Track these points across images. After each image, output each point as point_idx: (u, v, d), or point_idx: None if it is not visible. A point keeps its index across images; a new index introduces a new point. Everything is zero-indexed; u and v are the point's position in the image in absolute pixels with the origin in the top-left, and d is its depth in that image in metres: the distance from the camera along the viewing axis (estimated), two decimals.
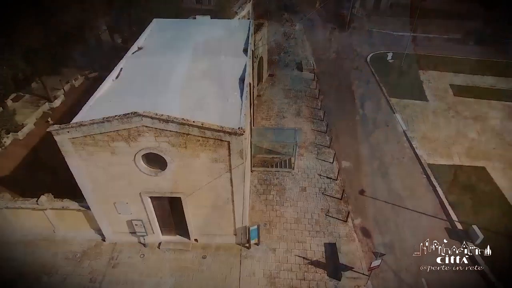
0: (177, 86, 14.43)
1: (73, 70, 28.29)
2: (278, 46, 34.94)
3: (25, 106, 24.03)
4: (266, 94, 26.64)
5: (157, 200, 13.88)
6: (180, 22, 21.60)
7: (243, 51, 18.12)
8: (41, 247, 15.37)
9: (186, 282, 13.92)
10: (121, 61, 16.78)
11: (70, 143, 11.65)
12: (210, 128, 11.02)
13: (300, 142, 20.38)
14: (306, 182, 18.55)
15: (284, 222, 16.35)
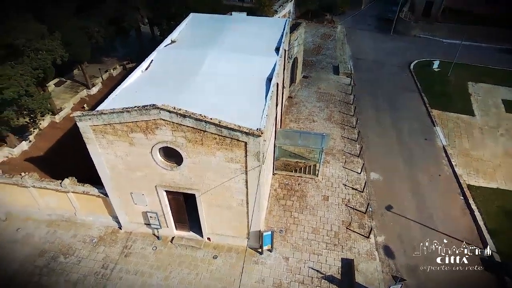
0: (202, 82, 14.23)
1: (113, 60, 29.45)
2: (316, 47, 33.95)
3: (66, 91, 25.27)
4: (298, 96, 25.87)
5: (173, 195, 13.77)
6: (216, 17, 21.47)
7: (275, 50, 17.58)
8: (62, 228, 15.93)
9: (194, 280, 13.70)
10: (152, 53, 16.94)
11: (91, 130, 11.81)
12: (227, 126, 10.62)
13: (327, 149, 19.50)
14: (329, 191, 17.63)
15: (301, 231, 15.62)
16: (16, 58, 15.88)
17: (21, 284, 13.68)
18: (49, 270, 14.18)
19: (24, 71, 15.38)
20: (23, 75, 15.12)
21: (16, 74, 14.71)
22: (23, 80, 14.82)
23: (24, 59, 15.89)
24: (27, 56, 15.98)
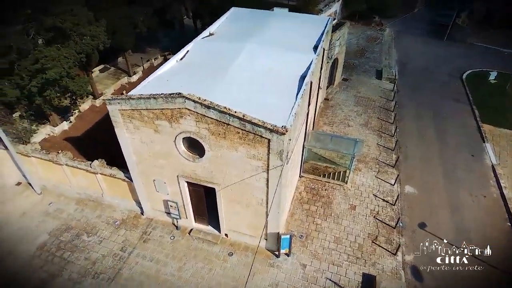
0: (234, 75, 13.97)
1: (155, 50, 30.30)
2: (360, 50, 32.52)
3: (108, 78, 26.38)
4: (335, 98, 24.85)
5: (194, 186, 13.65)
6: (256, 12, 21.15)
7: (313, 48, 16.89)
8: (89, 207, 16.50)
9: (206, 275, 13.50)
10: (189, 43, 17.00)
11: (119, 115, 11.99)
12: (251, 121, 10.21)
13: (360, 155, 18.45)
14: (358, 201, 16.63)
15: (322, 239, 14.84)
16: (63, 41, 16.68)
17: (47, 257, 14.29)
18: (72, 246, 14.71)
19: (68, 54, 16.08)
20: (67, 57, 15.80)
21: (60, 56, 15.41)
22: (65, 62, 15.48)
23: (70, 43, 16.64)
24: (73, 40, 16.73)
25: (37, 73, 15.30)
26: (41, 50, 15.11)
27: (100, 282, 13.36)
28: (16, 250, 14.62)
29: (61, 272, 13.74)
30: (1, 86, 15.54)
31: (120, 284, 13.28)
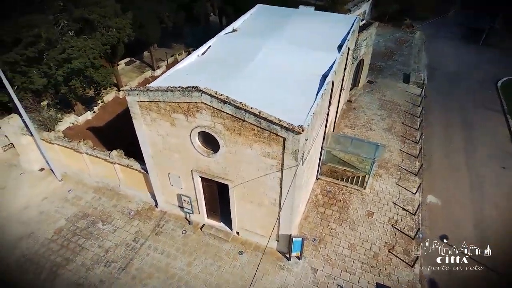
0: (254, 71, 13.77)
1: (180, 46, 30.63)
2: (388, 52, 31.47)
3: (133, 71, 26.89)
4: (359, 101, 24.13)
5: (207, 182, 13.56)
6: (281, 10, 20.85)
7: (337, 47, 16.41)
8: (106, 196, 16.80)
9: (215, 272, 13.38)
10: (212, 39, 16.96)
11: (137, 106, 12.06)
12: (267, 118, 9.95)
13: (381, 160, 17.79)
14: (376, 207, 16.00)
15: (336, 244, 14.37)
16: (90, 32, 17.07)
17: (62, 242, 14.66)
18: (87, 233, 15.01)
19: (94, 45, 16.43)
20: (92, 48, 16.14)
21: (86, 47, 15.75)
22: (91, 53, 15.82)
23: (96, 34, 17.00)
24: (99, 32, 17.08)
25: (63, 63, 15.72)
26: (68, 40, 15.51)
27: (112, 271, 13.53)
28: (36, 232, 15.11)
29: (75, 257, 14.04)
30: (30, 74, 16.10)
31: (131, 274, 13.40)
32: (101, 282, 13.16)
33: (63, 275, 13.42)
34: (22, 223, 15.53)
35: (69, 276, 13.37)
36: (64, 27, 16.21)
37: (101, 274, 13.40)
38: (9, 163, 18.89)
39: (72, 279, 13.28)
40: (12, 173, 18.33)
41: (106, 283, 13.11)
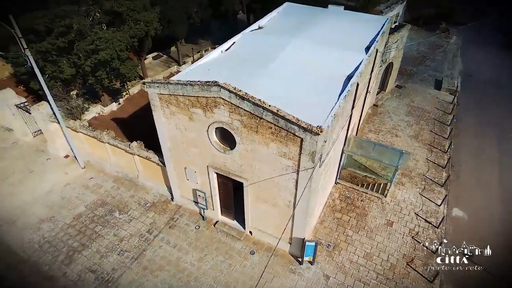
0: (277, 69, 13.50)
1: (207, 43, 30.83)
2: (420, 57, 30.20)
3: (160, 65, 27.34)
4: (385, 105, 23.27)
5: (222, 179, 13.46)
6: (310, 9, 20.42)
7: (365, 48, 15.83)
8: (124, 186, 17.11)
9: (225, 270, 13.26)
10: (237, 35, 16.85)
11: (157, 98, 12.13)
12: (285, 117, 9.67)
13: (404, 169, 17.03)
14: (396, 217, 15.30)
15: (351, 252, 13.85)
16: (119, 25, 17.44)
17: (80, 227, 15.06)
18: (104, 221, 15.33)
19: (122, 38, 16.75)
20: (120, 40, 16.46)
21: (113, 39, 16.09)
22: (118, 45, 16.14)
23: (125, 27, 17.34)
24: (127, 25, 17.41)
25: (91, 54, 16.13)
26: (97, 32, 15.89)
27: (124, 260, 13.73)
28: (57, 216, 15.61)
29: (91, 244, 14.37)
30: (60, 64, 16.67)
31: (142, 265, 13.53)
32: (114, 270, 13.37)
33: (78, 260, 13.76)
34: (45, 206, 16.11)
35: (84, 262, 13.68)
36: (94, 19, 16.64)
37: (114, 262, 13.63)
38: (38, 148, 19.68)
39: (86, 264, 13.59)
40: (39, 158, 19.08)
41: (118, 271, 13.31)
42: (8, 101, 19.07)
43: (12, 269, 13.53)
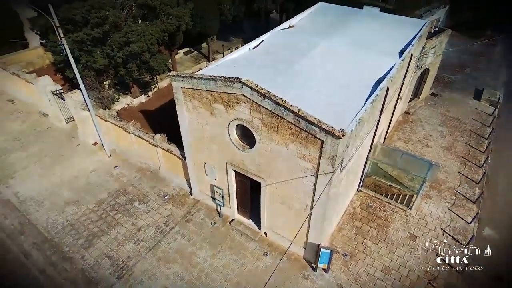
0: (303, 70, 13.18)
1: (238, 40, 30.89)
2: (460, 64, 28.54)
3: (190, 60, 27.70)
4: (418, 113, 22.18)
5: (240, 177, 13.32)
6: (344, 9, 19.83)
7: (399, 52, 15.12)
8: (146, 177, 17.44)
9: (237, 269, 13.13)
10: (266, 33, 16.69)
11: (181, 92, 12.19)
12: (306, 118, 9.35)
13: (433, 181, 16.09)
14: (420, 231, 14.48)
15: (368, 264, 13.26)
16: (151, 19, 17.79)
17: (101, 214, 15.51)
18: (124, 210, 15.68)
19: (153, 32, 17.06)
20: (151, 34, 16.77)
21: (145, 32, 16.41)
22: (148, 39, 16.45)
23: (157, 21, 17.66)
24: (160, 19, 17.72)
25: (124, 46, 16.54)
26: (130, 24, 16.28)
27: (140, 249, 13.96)
28: (81, 201, 16.18)
29: (110, 230, 14.75)
30: (94, 54, 17.25)
31: (156, 256, 13.70)
32: (129, 258, 13.63)
33: (97, 245, 14.17)
34: (71, 190, 16.76)
35: (102, 247, 14.06)
36: (129, 12, 17.06)
37: (130, 251, 13.90)
38: (69, 134, 20.55)
39: (104, 250, 13.95)
40: (70, 143, 19.91)
41: (133, 260, 13.55)
42: (46, 88, 20.06)
43: (37, 247, 14.16)
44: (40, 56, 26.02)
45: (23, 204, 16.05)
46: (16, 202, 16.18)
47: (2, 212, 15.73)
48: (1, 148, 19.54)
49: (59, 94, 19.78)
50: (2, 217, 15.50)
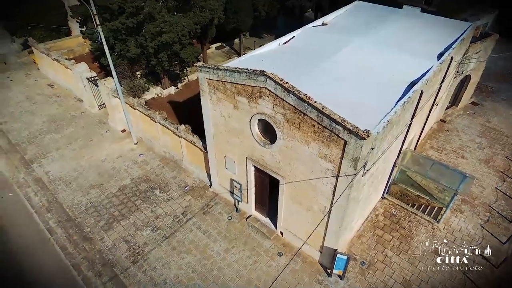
0: (331, 68, 12.70)
1: (270, 38, 30.60)
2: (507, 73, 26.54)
3: (221, 55, 27.84)
4: (454, 122, 20.86)
5: (260, 173, 13.10)
6: (381, 8, 19.02)
7: (438, 54, 14.23)
8: (168, 167, 17.68)
9: (250, 266, 12.94)
10: (297, 30, 16.34)
11: (206, 83, 12.15)
12: (329, 115, 8.95)
13: (466, 194, 15.04)
14: (447, 247, 13.48)
15: (388, 275, 12.58)
16: (185, 11, 17.97)
17: (123, 199, 15.89)
18: (145, 197, 15.97)
19: (186, 23, 17.21)
20: (183, 25, 16.92)
21: (178, 23, 16.59)
22: (180, 30, 16.61)
23: (190, 13, 17.81)
24: (193, 12, 17.86)
25: (156, 36, 16.82)
26: (164, 15, 16.51)
27: (156, 237, 14.13)
28: (105, 185, 16.68)
29: (130, 215, 15.06)
30: (128, 43, 17.69)
31: (171, 245, 13.80)
32: (145, 244, 13.84)
33: (116, 228, 14.52)
34: (97, 174, 17.32)
35: (120, 231, 14.38)
36: (164, 2, 17.33)
37: (146, 237, 14.11)
38: (100, 120, 21.31)
39: (122, 234, 14.27)
40: (100, 129, 20.63)
41: (148, 246, 13.74)
42: (82, 74, 20.91)
43: (61, 225, 14.75)
44: (81, 44, 27.20)
45: (52, 183, 16.79)
46: (47, 181, 16.97)
47: (33, 189, 16.56)
48: (39, 129, 20.63)
49: (93, 80, 20.53)
50: (33, 194, 16.31)
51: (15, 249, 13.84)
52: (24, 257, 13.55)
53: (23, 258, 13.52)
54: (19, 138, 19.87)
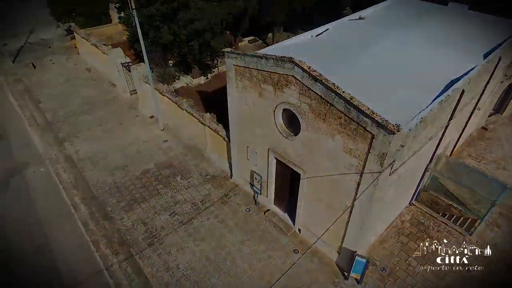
0: (365, 61, 12.04)
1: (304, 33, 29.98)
2: None
3: (253, 49, 27.55)
4: (498, 131, 19.28)
5: (281, 166, 12.72)
6: (423, 4, 17.94)
7: (484, 54, 13.13)
8: (192, 155, 17.72)
9: (264, 260, 12.61)
10: (332, 22, 15.75)
11: (233, 70, 11.95)
12: (357, 106, 8.40)
13: (505, 206, 13.81)
14: (479, 262, 12.43)
15: (409, 285, 11.75)
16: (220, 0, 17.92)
17: (145, 182, 16.12)
18: (166, 182, 16.09)
19: (219, 12, 17.14)
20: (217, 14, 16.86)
21: (210, 12, 16.54)
22: (213, 18, 16.55)
23: (224, 3, 17.73)
24: (227, 1, 17.77)
25: (189, 23, 16.89)
26: (198, 3, 16.54)
27: (174, 222, 14.17)
28: (129, 167, 17.01)
29: (150, 199, 15.23)
30: (161, 30, 17.92)
31: (188, 231, 13.77)
32: (162, 228, 13.91)
33: (136, 210, 14.72)
34: (123, 156, 17.71)
35: (140, 213, 14.57)
36: None
37: (164, 221, 14.18)
38: (131, 105, 21.83)
39: (141, 216, 14.44)
40: (130, 113, 21.13)
41: (165, 230, 13.80)
42: (116, 59, 21.51)
43: (85, 202, 15.20)
44: (119, 32, 28.07)
45: (80, 162, 17.38)
46: (76, 159, 17.59)
47: (63, 166, 17.22)
48: (74, 110, 21.49)
49: (127, 66, 21.04)
50: (62, 170, 16.95)
51: (42, 220, 14.42)
52: (50, 228, 14.09)
53: (49, 229, 14.06)
54: (55, 117, 20.80)
